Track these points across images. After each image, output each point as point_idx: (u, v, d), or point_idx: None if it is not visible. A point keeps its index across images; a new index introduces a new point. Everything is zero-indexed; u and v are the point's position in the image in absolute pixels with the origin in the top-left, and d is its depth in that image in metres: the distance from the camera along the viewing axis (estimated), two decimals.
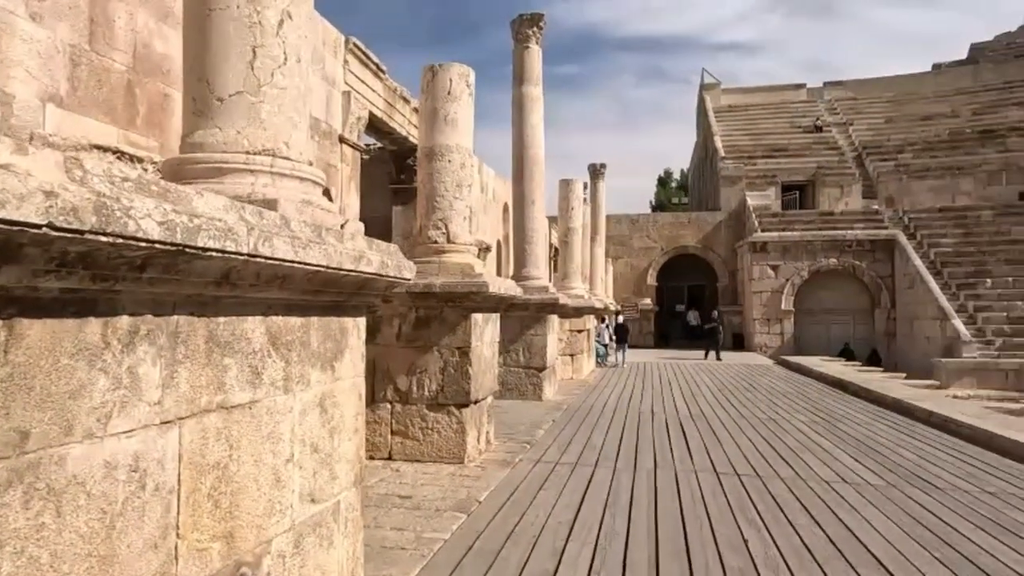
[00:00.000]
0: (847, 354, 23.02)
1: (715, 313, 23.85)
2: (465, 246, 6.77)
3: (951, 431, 8.42)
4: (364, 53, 9.48)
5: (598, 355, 18.15)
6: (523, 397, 10.76)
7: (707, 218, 31.56)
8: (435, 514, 4.68)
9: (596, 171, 23.10)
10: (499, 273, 18.17)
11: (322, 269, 2.51)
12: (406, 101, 10.91)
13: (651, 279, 31.33)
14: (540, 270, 11.85)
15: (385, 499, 5.04)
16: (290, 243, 2.28)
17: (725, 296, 29.76)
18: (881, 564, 3.94)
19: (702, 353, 22.64)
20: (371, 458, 6.28)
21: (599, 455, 6.89)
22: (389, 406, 6.43)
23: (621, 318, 21.76)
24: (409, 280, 3.51)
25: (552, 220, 19.70)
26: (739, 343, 27.31)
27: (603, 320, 18.90)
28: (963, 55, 43.00)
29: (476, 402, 6.52)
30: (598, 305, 18.07)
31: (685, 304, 31.85)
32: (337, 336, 3.03)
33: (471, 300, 6.30)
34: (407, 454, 6.40)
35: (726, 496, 5.37)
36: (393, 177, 12.20)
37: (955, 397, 13.31)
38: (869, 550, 4.16)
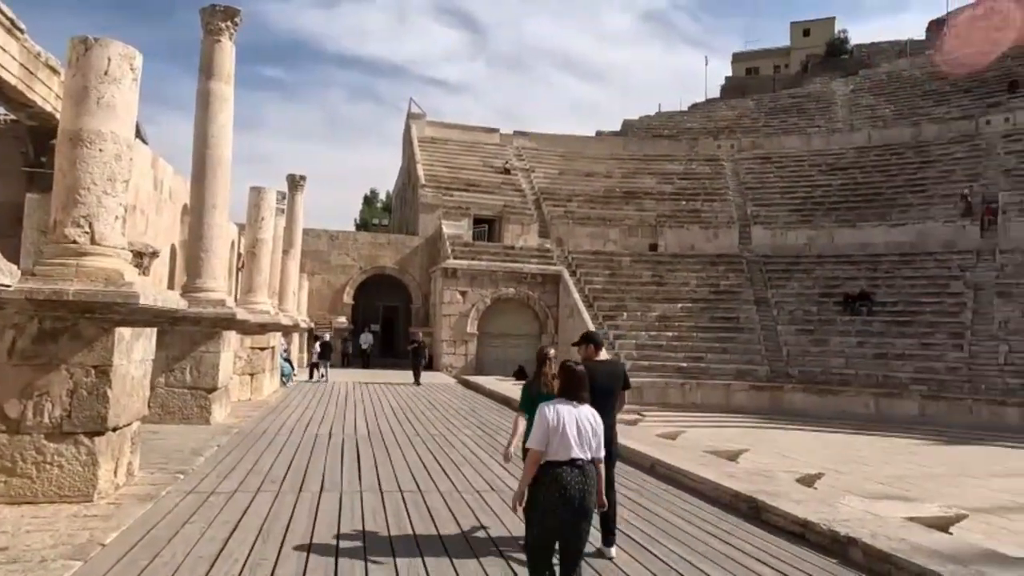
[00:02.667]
0: (519, 374, 25.85)
1: (419, 334, 24.61)
2: (115, 249, 5.90)
3: None
4: None
5: (283, 374, 17.31)
6: (187, 421, 9.70)
7: (406, 241, 32.68)
8: (38, 566, 3.93)
9: (295, 182, 22.22)
10: (172, 282, 16.20)
11: None
12: (55, 72, 9.13)
13: (348, 297, 31.12)
14: (218, 281, 10.90)
15: None
16: None
17: (418, 317, 31.02)
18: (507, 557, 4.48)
19: (392, 373, 23.16)
20: None
21: (263, 481, 6.55)
22: None
23: (327, 336, 21.77)
24: (10, 286, 2.93)
25: (243, 228, 18.31)
26: (428, 363, 28.63)
27: (315, 337, 18.35)
28: (618, 127, 52.55)
29: (116, 429, 5.67)
30: (286, 322, 17.32)
31: (380, 324, 32.33)
32: None
33: (116, 312, 5.50)
34: (13, 495, 5.26)
35: (386, 513, 5.56)
36: (31, 159, 10.06)
37: None
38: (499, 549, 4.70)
